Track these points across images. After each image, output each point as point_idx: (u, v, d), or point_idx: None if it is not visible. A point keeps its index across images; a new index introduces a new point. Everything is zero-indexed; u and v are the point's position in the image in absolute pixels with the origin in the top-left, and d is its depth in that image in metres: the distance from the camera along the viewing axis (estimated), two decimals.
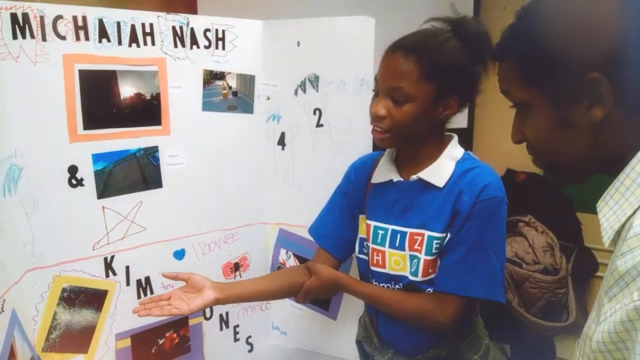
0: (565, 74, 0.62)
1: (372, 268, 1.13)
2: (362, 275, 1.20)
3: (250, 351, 1.54)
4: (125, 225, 1.26)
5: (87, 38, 1.15)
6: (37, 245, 1.13)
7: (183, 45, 1.30)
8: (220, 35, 1.36)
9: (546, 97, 0.65)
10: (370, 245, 1.14)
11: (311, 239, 1.46)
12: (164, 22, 1.26)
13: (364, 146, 1.35)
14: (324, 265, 1.16)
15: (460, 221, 1.02)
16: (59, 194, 1.15)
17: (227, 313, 1.47)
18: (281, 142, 1.48)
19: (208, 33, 1.34)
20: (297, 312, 1.54)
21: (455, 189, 1.03)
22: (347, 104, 1.37)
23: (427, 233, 1.05)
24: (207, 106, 1.36)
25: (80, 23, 1.14)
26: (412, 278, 1.07)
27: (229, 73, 1.39)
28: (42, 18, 1.09)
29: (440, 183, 1.05)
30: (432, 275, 1.06)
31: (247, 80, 1.43)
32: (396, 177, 1.11)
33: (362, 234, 1.18)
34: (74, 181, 1.17)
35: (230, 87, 1.40)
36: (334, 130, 1.41)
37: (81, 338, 1.22)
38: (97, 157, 1.19)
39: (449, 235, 1.04)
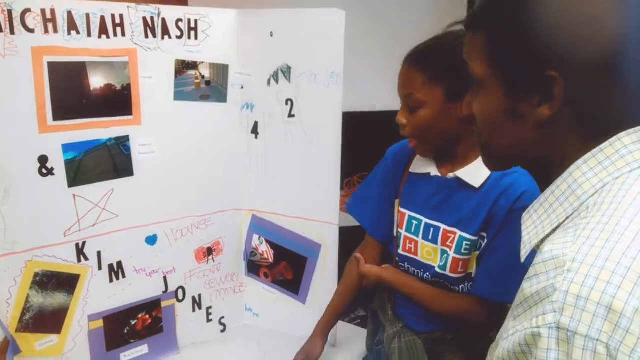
0: (527, 64, 0.61)
1: (402, 253, 1.17)
2: (387, 255, 1.23)
3: (222, 331, 1.59)
4: (97, 212, 1.30)
5: (55, 30, 1.17)
6: (10, 232, 1.18)
7: (154, 36, 1.31)
8: (192, 25, 1.36)
9: (502, 81, 0.64)
10: (404, 233, 1.17)
11: (283, 225, 1.52)
12: (134, 12, 1.27)
13: (333, 137, 1.38)
14: (368, 265, 1.21)
15: (496, 226, 1.04)
16: (30, 183, 1.19)
17: (199, 295, 1.52)
18: (254, 130, 1.51)
19: (180, 23, 1.35)
20: (269, 295, 1.60)
21: (493, 192, 1.05)
22: (318, 95, 1.39)
23: (459, 233, 1.08)
24: (179, 96, 1.38)
25: (48, 16, 1.15)
26: (439, 271, 1.10)
27: (202, 62, 1.40)
28: (10, 12, 1.10)
29: (477, 183, 1.06)
30: (462, 274, 1.09)
31: (221, 70, 1.44)
32: (434, 172, 1.13)
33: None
34: (44, 170, 1.21)
35: (203, 77, 1.42)
36: (305, 121, 1.43)
37: (54, 319, 1.28)
38: (67, 147, 1.22)
39: (486, 239, 1.06)
